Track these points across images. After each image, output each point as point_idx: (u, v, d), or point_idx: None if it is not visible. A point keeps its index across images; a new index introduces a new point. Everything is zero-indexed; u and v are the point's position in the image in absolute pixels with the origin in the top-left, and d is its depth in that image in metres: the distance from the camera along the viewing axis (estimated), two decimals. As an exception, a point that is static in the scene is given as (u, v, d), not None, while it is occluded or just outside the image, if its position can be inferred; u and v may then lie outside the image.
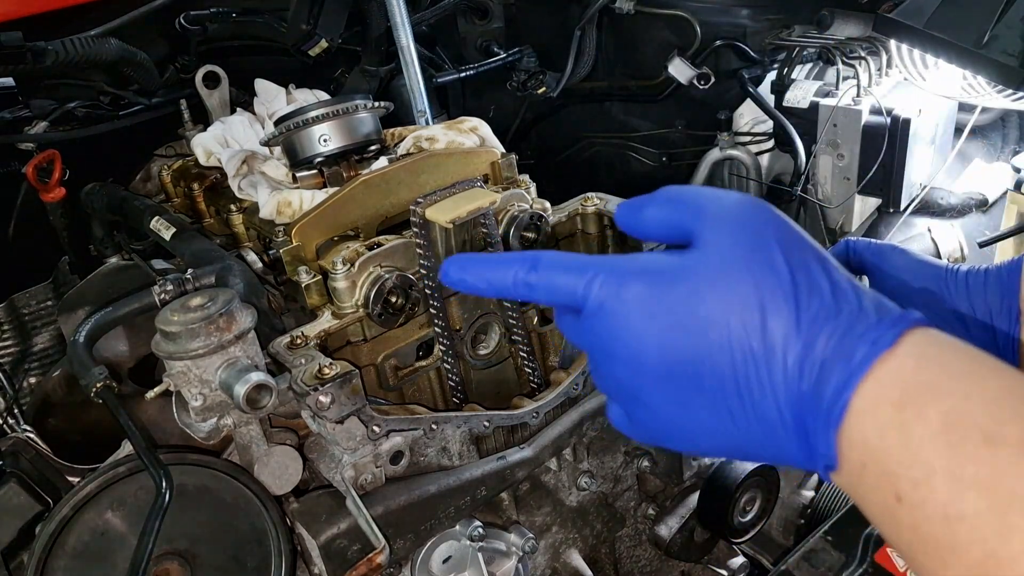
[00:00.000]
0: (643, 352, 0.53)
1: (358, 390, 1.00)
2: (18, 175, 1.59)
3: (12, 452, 1.06)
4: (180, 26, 1.81)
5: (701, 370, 0.51)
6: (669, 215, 0.57)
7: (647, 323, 0.52)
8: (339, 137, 1.29)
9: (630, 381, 0.55)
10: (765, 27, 2.19)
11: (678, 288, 0.52)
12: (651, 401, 0.55)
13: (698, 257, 0.53)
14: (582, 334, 0.57)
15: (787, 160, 2.20)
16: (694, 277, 0.52)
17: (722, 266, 0.51)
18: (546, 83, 2.39)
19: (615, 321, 0.54)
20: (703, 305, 0.51)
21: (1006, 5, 1.44)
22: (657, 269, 0.54)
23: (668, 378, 0.53)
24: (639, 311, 0.53)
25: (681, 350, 0.51)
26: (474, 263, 0.61)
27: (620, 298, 0.53)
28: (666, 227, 0.57)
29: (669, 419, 0.55)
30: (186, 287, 1.12)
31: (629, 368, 0.54)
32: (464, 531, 1.17)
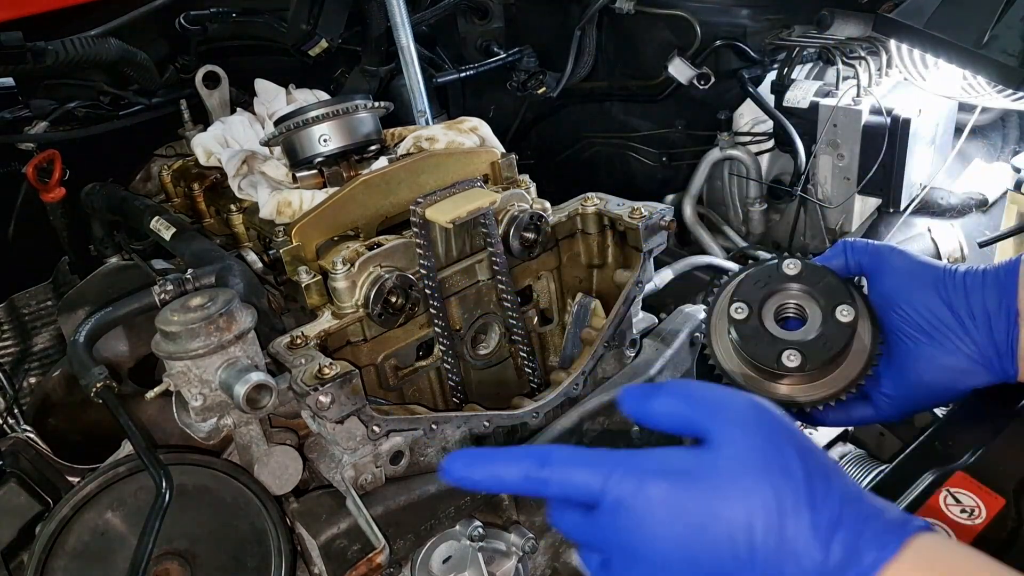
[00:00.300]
0: (665, 551, 0.54)
1: (358, 390, 1.00)
2: (18, 175, 1.59)
3: (12, 452, 1.06)
4: (180, 26, 1.81)
5: (722, 569, 0.53)
6: (680, 410, 0.59)
7: (670, 523, 0.54)
8: (339, 137, 1.29)
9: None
10: (765, 27, 2.19)
11: (699, 488, 0.54)
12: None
13: (716, 458, 0.55)
14: (594, 529, 0.58)
15: (787, 160, 2.20)
16: (714, 478, 0.54)
17: (741, 468, 0.54)
18: (546, 83, 2.39)
19: (636, 519, 0.55)
20: (725, 506, 0.53)
21: (1006, 5, 1.44)
22: (677, 469, 0.56)
23: (688, 571, 0.54)
24: (662, 510, 0.54)
25: (703, 551, 0.53)
26: (480, 460, 0.60)
27: (642, 496, 0.55)
28: (676, 420, 0.59)
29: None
30: (186, 287, 1.12)
31: (650, 566, 0.55)
32: (464, 531, 1.17)
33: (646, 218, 1.27)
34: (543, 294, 1.37)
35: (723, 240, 2.36)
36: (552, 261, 1.35)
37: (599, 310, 1.33)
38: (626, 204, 1.31)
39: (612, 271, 1.36)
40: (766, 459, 0.54)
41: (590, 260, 1.37)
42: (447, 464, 0.61)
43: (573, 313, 1.34)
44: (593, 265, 1.37)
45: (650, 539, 0.55)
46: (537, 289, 1.36)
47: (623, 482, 0.56)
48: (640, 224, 1.27)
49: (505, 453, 0.60)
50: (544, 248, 1.31)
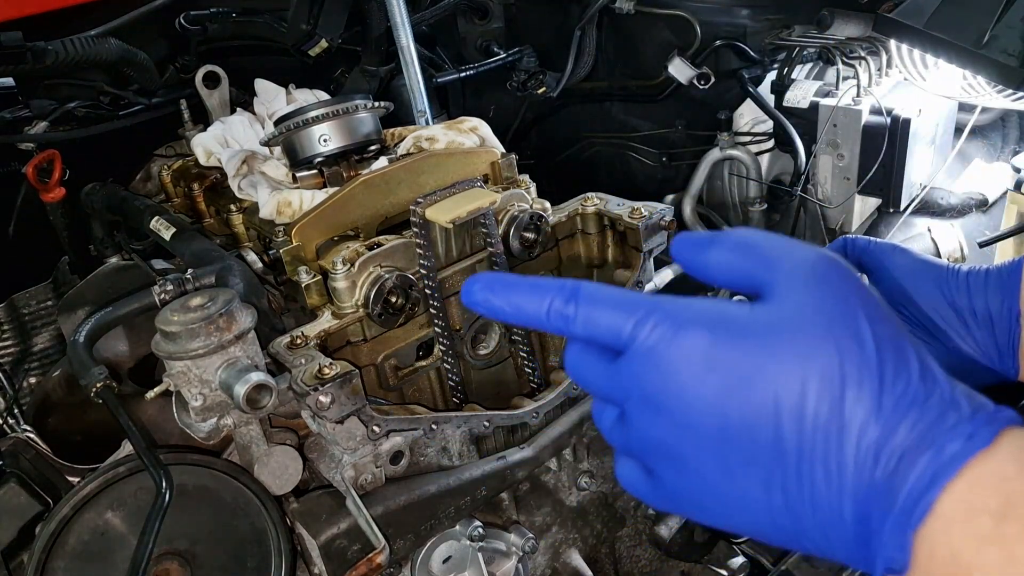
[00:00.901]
0: (695, 408, 0.47)
1: (358, 390, 1.00)
2: (18, 175, 1.59)
3: (12, 452, 1.06)
4: (180, 26, 1.81)
5: (760, 437, 0.45)
6: (739, 262, 0.51)
7: (705, 377, 0.46)
8: (339, 137, 1.29)
9: (671, 439, 0.49)
10: (765, 27, 2.19)
11: (747, 343, 0.46)
12: (691, 464, 0.49)
13: (774, 312, 0.47)
14: (616, 379, 0.51)
15: (787, 160, 2.20)
16: (767, 335, 0.46)
17: (802, 327, 0.46)
18: (546, 83, 2.39)
19: (666, 370, 0.47)
20: (775, 366, 0.45)
21: (1006, 5, 1.44)
22: (723, 318, 0.48)
23: (719, 441, 0.47)
24: (698, 364, 0.47)
25: (741, 412, 0.46)
26: (504, 285, 0.54)
27: (676, 345, 0.47)
28: (733, 274, 0.51)
29: (707, 487, 0.49)
30: (186, 287, 1.12)
31: (673, 424, 0.48)
32: (464, 531, 1.17)
33: (646, 218, 1.27)
34: (543, 294, 1.37)
35: (723, 240, 2.35)
36: (552, 261, 1.35)
37: (599, 310, 1.33)
38: (626, 204, 1.31)
39: (612, 271, 1.36)
40: (831, 319, 0.45)
41: (590, 260, 1.37)
42: (466, 286, 0.54)
43: (573, 313, 1.34)
44: (593, 265, 1.37)
45: (677, 394, 0.47)
46: (537, 289, 1.36)
47: (658, 327, 0.48)
48: (640, 224, 1.27)
49: (530, 283, 0.53)
50: (544, 248, 1.31)
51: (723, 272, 0.52)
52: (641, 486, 0.54)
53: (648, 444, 0.51)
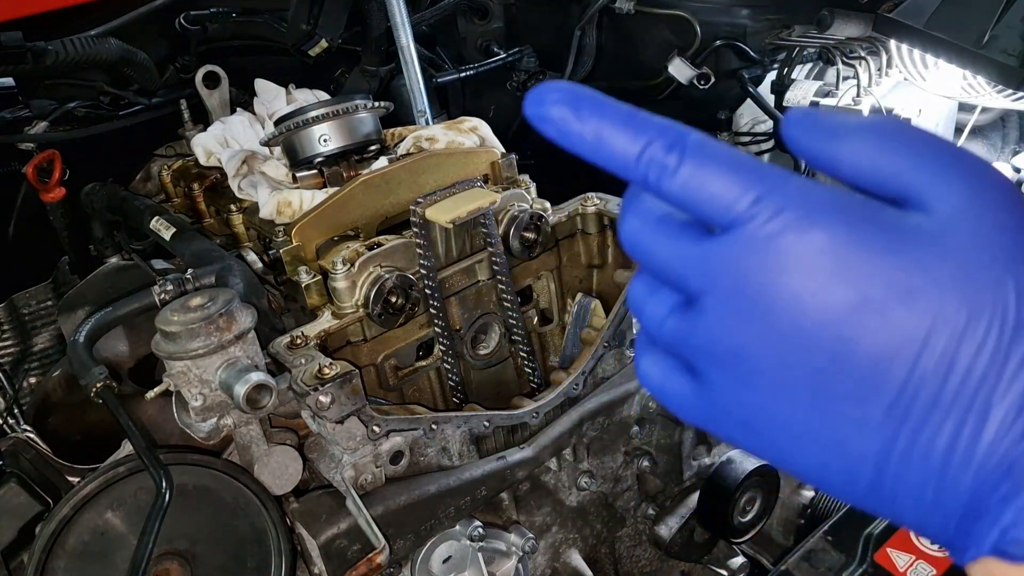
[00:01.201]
0: (811, 322, 0.37)
1: (358, 390, 1.00)
2: (18, 175, 1.59)
3: (12, 452, 1.06)
4: (180, 26, 1.81)
5: (888, 375, 0.37)
6: (887, 159, 0.39)
7: (837, 286, 0.36)
8: (339, 137, 1.29)
9: (759, 349, 0.39)
10: (765, 27, 2.19)
11: (901, 255, 0.36)
12: (773, 382, 0.39)
13: (939, 225, 0.37)
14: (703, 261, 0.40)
15: (787, 160, 2.20)
16: (930, 248, 0.36)
17: (975, 250, 0.36)
18: (546, 83, 2.39)
19: (786, 266, 0.37)
20: (935, 291, 0.36)
21: (1006, 5, 1.44)
22: (871, 216, 0.37)
23: (828, 365, 0.37)
24: (832, 265, 0.36)
25: (873, 338, 0.36)
26: (592, 105, 0.41)
27: (807, 237, 0.37)
28: (875, 173, 0.39)
29: (780, 411, 0.40)
30: (186, 287, 1.12)
31: (771, 333, 0.38)
32: (464, 531, 1.17)
33: (646, 218, 1.27)
34: (543, 294, 1.37)
35: (723, 240, 2.36)
36: (552, 261, 1.35)
37: (599, 310, 1.33)
38: (626, 204, 1.31)
39: (612, 271, 1.36)
40: (1013, 249, 0.36)
41: (590, 260, 1.37)
42: (537, 91, 0.41)
43: (573, 313, 1.34)
44: (593, 265, 1.37)
45: (792, 301, 0.37)
46: (537, 289, 1.36)
47: (786, 210, 0.37)
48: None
49: (627, 111, 0.41)
50: (544, 248, 1.31)
51: (861, 170, 0.40)
52: (679, 389, 0.43)
53: (719, 347, 0.40)
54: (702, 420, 0.43)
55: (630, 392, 1.30)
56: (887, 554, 1.14)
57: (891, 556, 1.14)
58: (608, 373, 1.33)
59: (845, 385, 0.37)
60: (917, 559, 1.14)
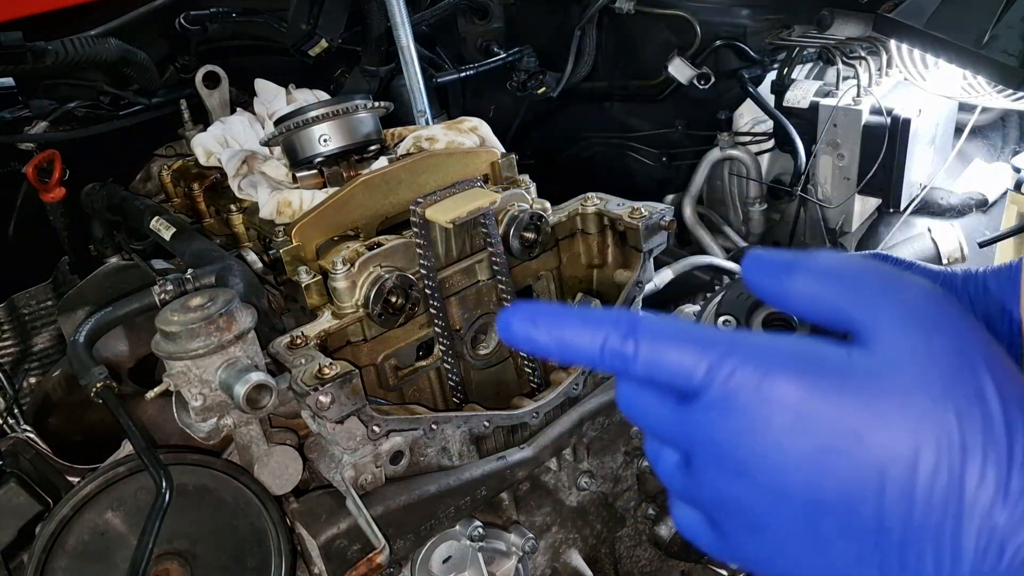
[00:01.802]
0: (782, 472, 0.40)
1: (358, 390, 1.00)
2: (18, 175, 1.59)
3: (12, 452, 1.06)
4: (180, 26, 1.81)
5: (861, 511, 0.39)
6: (829, 295, 0.43)
7: (797, 437, 0.40)
8: (339, 137, 1.29)
9: (749, 501, 0.42)
10: (765, 27, 2.19)
11: (847, 398, 0.39)
12: (771, 529, 0.42)
13: (878, 360, 0.40)
14: (684, 425, 0.44)
15: (787, 160, 2.20)
16: (872, 387, 0.39)
17: (914, 381, 0.39)
18: (546, 83, 2.39)
19: (749, 426, 0.41)
20: (883, 429, 0.38)
21: (1006, 5, 1.44)
22: (817, 364, 0.40)
23: (810, 510, 0.40)
24: (789, 418, 0.40)
25: (839, 480, 0.39)
26: (548, 318, 0.45)
27: (762, 395, 0.40)
28: (820, 308, 0.44)
29: (787, 554, 0.43)
30: (186, 287, 1.12)
31: (754, 486, 0.42)
32: (464, 531, 1.17)
33: (646, 218, 1.27)
34: (543, 294, 1.37)
35: (723, 240, 2.36)
36: (552, 261, 1.35)
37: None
38: (626, 204, 1.31)
39: (612, 271, 1.36)
40: (948, 373, 0.38)
41: (590, 260, 1.37)
42: (502, 318, 0.46)
43: (573, 313, 1.34)
44: (593, 265, 1.37)
45: (761, 455, 0.40)
46: (537, 289, 1.36)
47: (738, 372, 0.40)
48: (640, 224, 1.27)
49: (580, 315, 0.45)
50: (544, 248, 1.31)
51: (808, 305, 0.44)
52: (704, 537, 0.47)
53: (719, 500, 0.44)
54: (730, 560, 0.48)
55: (630, 392, 1.30)
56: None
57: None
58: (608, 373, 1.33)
59: (830, 524, 0.40)
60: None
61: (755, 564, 0.45)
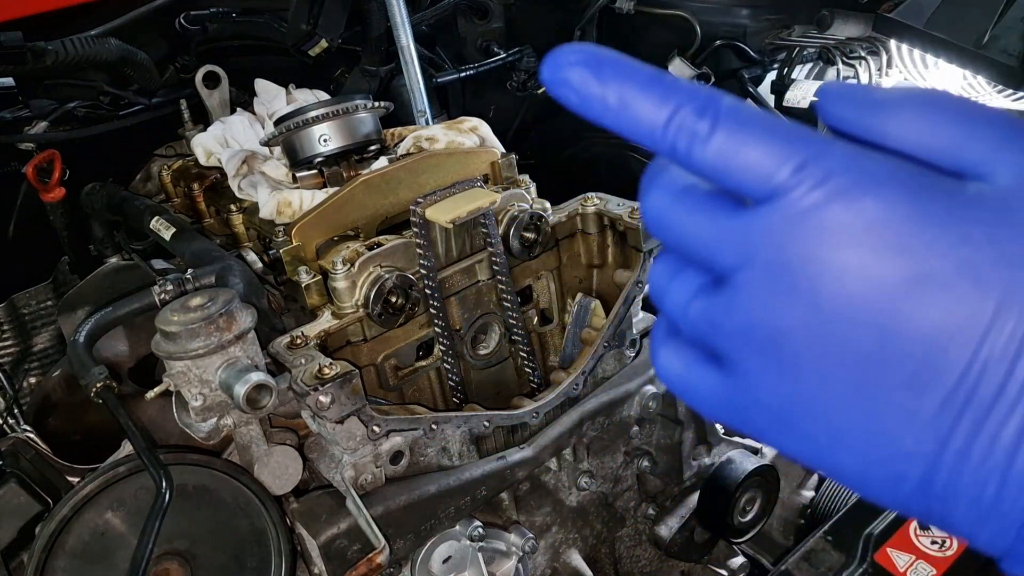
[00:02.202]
0: (861, 300, 0.33)
1: (358, 390, 1.00)
2: (18, 175, 1.59)
3: (12, 452, 1.06)
4: (180, 26, 1.81)
5: (947, 361, 0.33)
6: (935, 128, 0.36)
7: (895, 259, 0.33)
8: (339, 137, 1.29)
9: (798, 330, 0.35)
10: (765, 27, 2.19)
11: (963, 224, 0.32)
12: (815, 371, 0.35)
13: (1006, 193, 0.33)
14: (738, 234, 0.36)
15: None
16: (998, 217, 0.32)
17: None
18: (546, 83, 2.39)
19: (832, 235, 0.33)
20: (1002, 262, 0.32)
21: (1006, 5, 1.44)
22: (930, 183, 0.34)
23: (878, 349, 0.33)
24: (884, 234, 0.33)
25: (930, 320, 0.32)
26: (615, 67, 0.37)
27: (856, 206, 0.33)
28: (922, 141, 0.36)
29: (820, 403, 0.36)
30: (186, 287, 1.12)
31: (813, 311, 0.34)
32: (464, 531, 1.17)
33: (646, 218, 1.27)
34: (543, 294, 1.37)
35: (723, 240, 2.36)
36: (552, 261, 1.35)
37: (599, 310, 1.33)
38: (626, 204, 1.31)
39: (612, 271, 1.36)
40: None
41: (590, 260, 1.37)
42: (555, 56, 0.38)
43: (573, 313, 1.34)
44: (593, 265, 1.37)
45: (839, 275, 0.33)
46: (537, 289, 1.36)
47: (836, 178, 0.33)
48: (640, 224, 1.27)
49: (652, 73, 0.37)
50: (544, 248, 1.31)
51: (911, 142, 0.36)
52: (704, 382, 0.39)
53: (756, 330, 0.36)
54: (729, 415, 0.39)
55: (630, 392, 1.30)
56: (887, 554, 1.14)
57: (891, 556, 1.14)
58: (608, 373, 1.33)
59: (896, 372, 0.33)
60: (917, 559, 1.14)
61: (764, 418, 0.38)
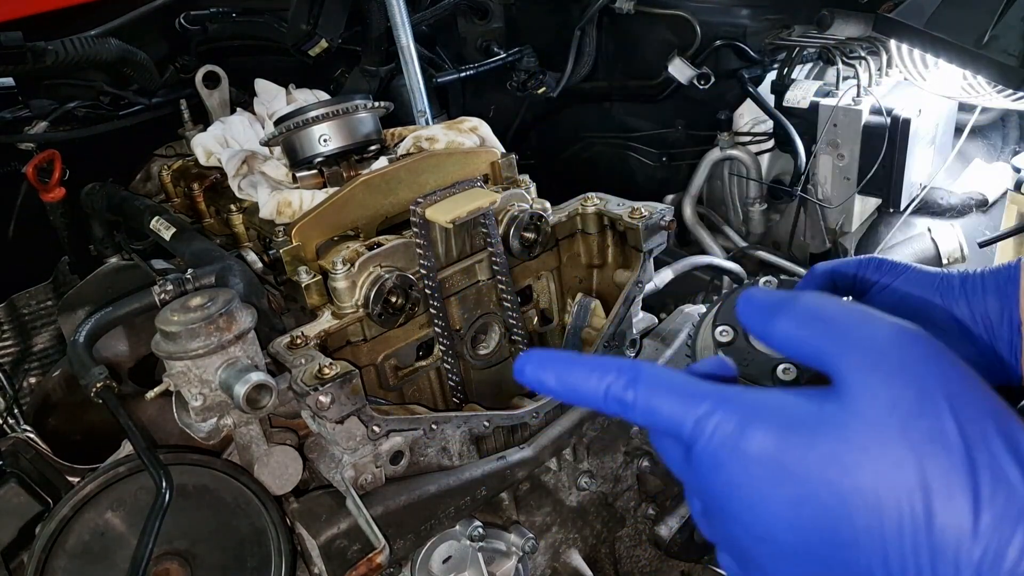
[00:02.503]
0: (768, 523, 0.44)
1: (358, 390, 1.00)
2: (18, 175, 1.59)
3: (12, 452, 1.06)
4: (180, 26, 1.81)
5: (841, 557, 0.42)
6: (806, 336, 0.47)
7: (774, 491, 0.43)
8: (339, 137, 1.29)
9: (748, 547, 0.47)
10: (765, 27, 2.19)
11: (816, 449, 0.42)
12: (773, 572, 0.46)
13: (842, 410, 0.43)
14: (690, 473, 0.49)
15: (787, 160, 2.20)
16: (837, 437, 0.42)
17: (874, 428, 0.41)
18: (546, 83, 2.39)
19: (733, 478, 0.45)
20: (847, 478, 0.41)
21: (1006, 5, 1.44)
22: (789, 419, 0.44)
23: (797, 556, 0.44)
24: (765, 473, 0.43)
25: (817, 528, 0.42)
26: (558, 364, 0.52)
27: (740, 451, 0.44)
28: (800, 347, 0.48)
29: None
30: (186, 287, 1.12)
31: (749, 534, 0.46)
32: (464, 531, 1.17)
33: (646, 218, 1.27)
34: (543, 294, 1.37)
35: (723, 240, 2.36)
36: (552, 261, 1.35)
37: (599, 310, 1.33)
38: (626, 204, 1.31)
39: (612, 271, 1.36)
40: (907, 418, 0.41)
41: (590, 260, 1.37)
42: (518, 364, 0.54)
43: (573, 313, 1.34)
44: (593, 265, 1.37)
45: (748, 505, 0.44)
46: (537, 289, 1.36)
47: (721, 428, 0.45)
48: (640, 224, 1.27)
49: (588, 363, 0.51)
50: (544, 248, 1.31)
51: (789, 344, 0.49)
52: (736, 573, 0.51)
53: (727, 543, 0.49)
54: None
55: (630, 392, 1.30)
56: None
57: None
58: (608, 373, 1.33)
59: (816, 567, 0.43)
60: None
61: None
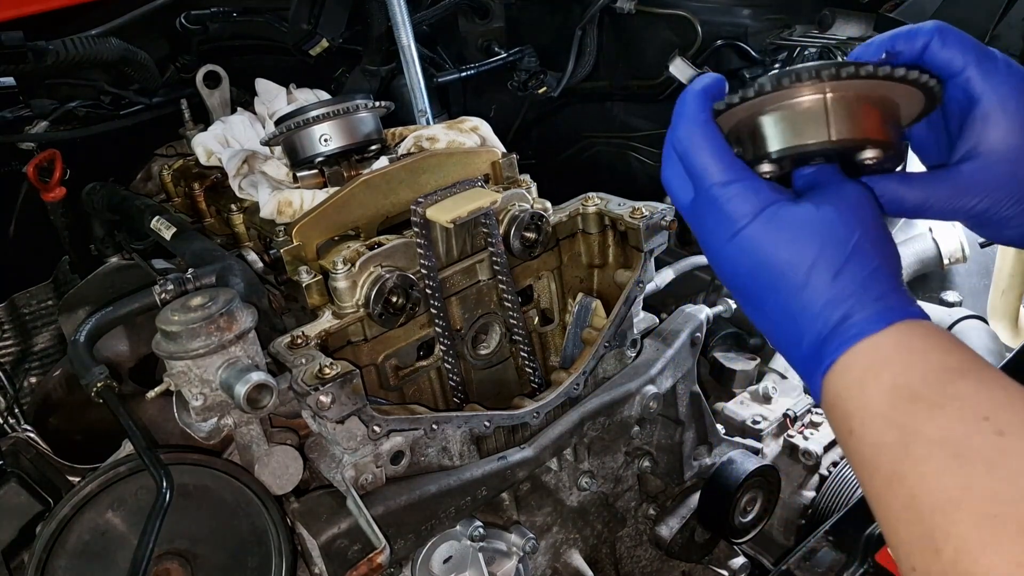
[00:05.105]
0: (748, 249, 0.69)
1: (359, 390, 1.00)
2: (19, 175, 1.59)
3: (12, 452, 1.06)
4: (181, 26, 1.81)
5: (786, 275, 0.67)
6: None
7: (760, 234, 0.69)
8: (340, 137, 1.29)
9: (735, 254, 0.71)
10: (766, 27, 2.19)
11: (788, 227, 0.67)
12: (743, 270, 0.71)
13: (808, 213, 0.67)
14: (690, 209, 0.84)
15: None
16: (800, 226, 0.67)
17: (809, 221, 0.67)
18: (547, 83, 2.39)
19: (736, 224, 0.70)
20: (796, 244, 0.67)
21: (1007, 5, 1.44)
22: (779, 209, 0.69)
23: (758, 267, 0.68)
24: (755, 231, 0.69)
25: (775, 258, 0.67)
26: None
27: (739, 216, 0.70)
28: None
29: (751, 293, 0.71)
30: (186, 287, 1.12)
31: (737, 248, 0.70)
32: (465, 531, 1.17)
33: (647, 218, 1.27)
34: (544, 294, 1.37)
35: (724, 240, 2.35)
36: (553, 261, 1.35)
37: (600, 310, 1.33)
38: (627, 204, 1.31)
39: (613, 271, 1.36)
40: (826, 223, 0.66)
41: (591, 260, 1.37)
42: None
43: (574, 313, 1.34)
44: (594, 265, 1.37)
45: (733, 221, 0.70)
46: (538, 289, 1.36)
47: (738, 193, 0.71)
48: (641, 224, 1.27)
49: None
50: (545, 248, 1.31)
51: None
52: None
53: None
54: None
55: (631, 392, 1.30)
56: (888, 554, 1.14)
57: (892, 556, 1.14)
58: (609, 373, 1.33)
59: (765, 279, 0.69)
60: (918, 559, 1.13)
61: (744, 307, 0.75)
